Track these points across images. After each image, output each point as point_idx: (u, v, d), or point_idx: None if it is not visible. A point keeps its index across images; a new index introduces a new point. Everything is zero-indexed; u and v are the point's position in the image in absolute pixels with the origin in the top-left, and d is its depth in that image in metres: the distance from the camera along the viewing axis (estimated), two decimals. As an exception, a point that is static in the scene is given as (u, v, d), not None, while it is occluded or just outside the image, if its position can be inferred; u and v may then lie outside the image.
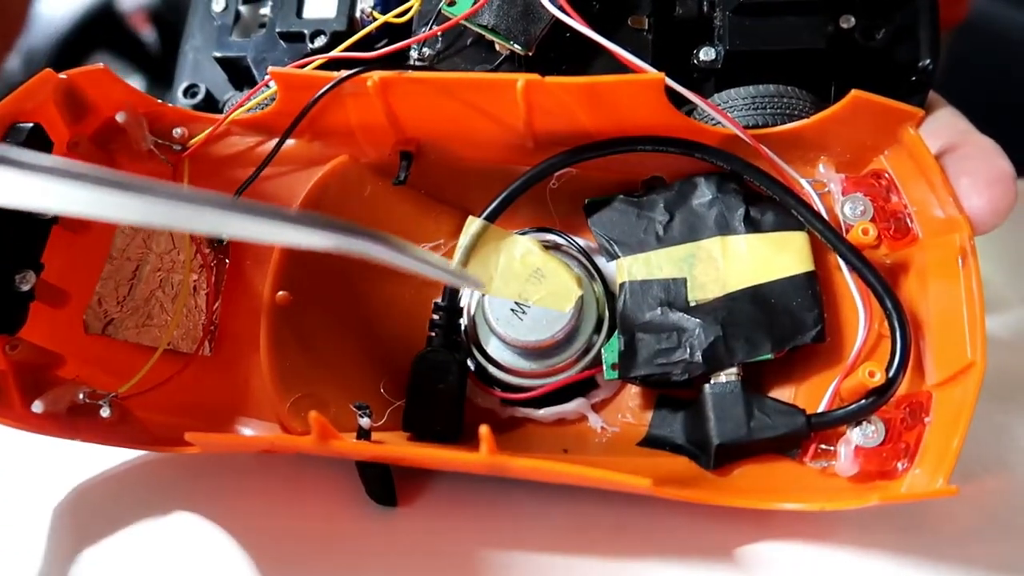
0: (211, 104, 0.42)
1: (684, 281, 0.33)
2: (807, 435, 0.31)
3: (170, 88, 0.43)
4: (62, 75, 0.33)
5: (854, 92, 0.30)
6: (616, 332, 0.34)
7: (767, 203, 0.34)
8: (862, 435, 0.30)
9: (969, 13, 0.61)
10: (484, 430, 0.26)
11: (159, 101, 0.35)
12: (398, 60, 0.35)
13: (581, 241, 0.36)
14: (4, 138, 0.31)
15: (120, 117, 0.34)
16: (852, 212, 0.32)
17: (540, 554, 0.31)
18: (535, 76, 0.30)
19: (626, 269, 0.34)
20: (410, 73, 0.32)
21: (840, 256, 0.32)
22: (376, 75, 0.32)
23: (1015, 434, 0.37)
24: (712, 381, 0.32)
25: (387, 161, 0.36)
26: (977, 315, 0.29)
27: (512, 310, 0.34)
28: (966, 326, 0.29)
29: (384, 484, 0.32)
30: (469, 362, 0.35)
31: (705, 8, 0.36)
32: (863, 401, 0.30)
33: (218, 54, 0.41)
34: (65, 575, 0.30)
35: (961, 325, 0.29)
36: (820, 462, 0.31)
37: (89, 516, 0.32)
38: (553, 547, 0.32)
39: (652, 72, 0.31)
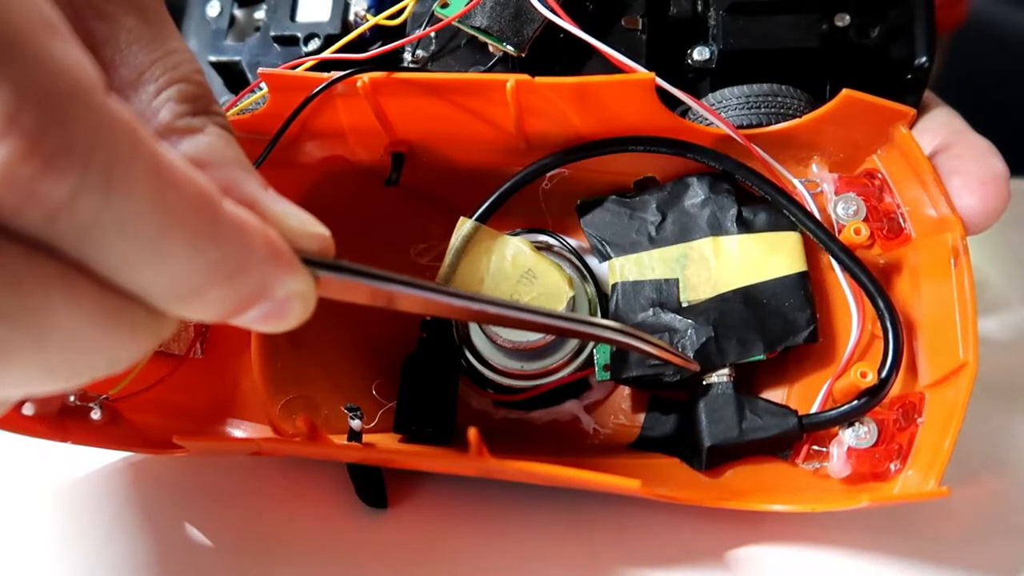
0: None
1: (676, 282, 0.33)
2: (799, 436, 0.31)
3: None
4: None
5: (845, 91, 0.30)
6: (608, 333, 0.34)
7: (760, 203, 0.33)
8: (854, 436, 0.30)
9: (969, 13, 0.60)
10: (472, 433, 0.25)
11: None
12: (393, 62, 0.35)
13: (573, 242, 0.36)
14: None
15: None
16: (845, 212, 0.32)
17: (531, 556, 0.31)
18: (525, 76, 0.30)
19: (618, 270, 0.34)
20: (399, 74, 0.31)
21: (832, 256, 0.31)
22: (366, 76, 0.31)
23: (1015, 434, 0.37)
24: (704, 382, 0.32)
25: (379, 162, 0.36)
26: (969, 315, 0.28)
27: (504, 311, 0.34)
28: (958, 326, 0.29)
29: (375, 486, 0.32)
30: (461, 363, 0.35)
31: (699, 7, 0.36)
32: (855, 402, 0.30)
33: (213, 58, 0.41)
34: (54, 577, 0.30)
35: (953, 325, 0.29)
36: (812, 463, 0.31)
37: (79, 518, 0.32)
38: (545, 549, 0.32)
39: (642, 72, 0.31)
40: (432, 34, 0.35)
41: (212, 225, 0.17)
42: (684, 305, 0.33)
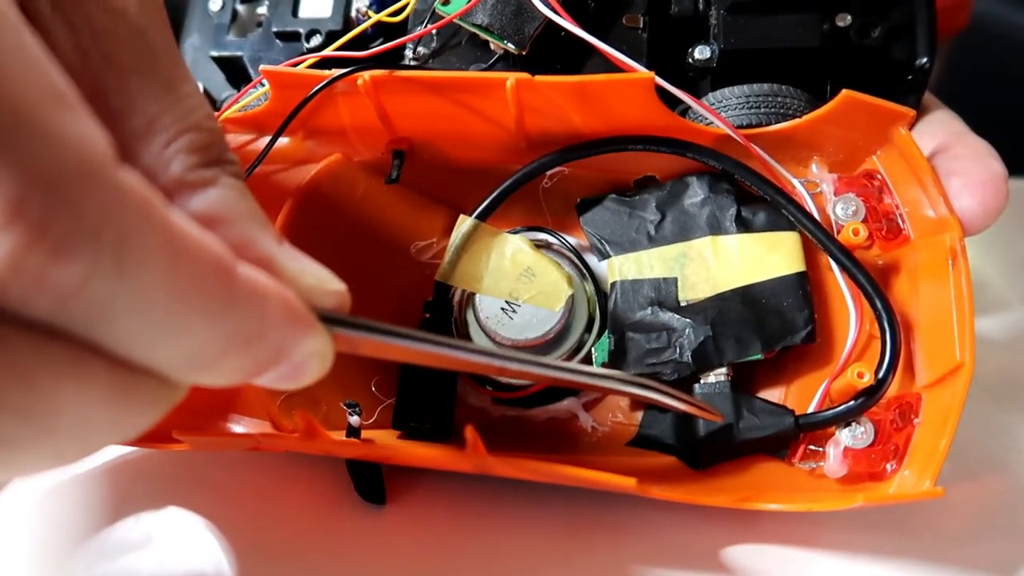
0: (209, 103, 0.42)
1: (675, 281, 0.33)
2: (796, 436, 0.31)
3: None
4: None
5: (845, 92, 0.30)
6: (607, 331, 0.34)
7: (759, 203, 0.33)
8: (851, 436, 0.30)
9: (970, 12, 0.60)
10: (469, 430, 0.26)
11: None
12: (394, 59, 0.35)
13: (573, 240, 0.36)
14: None
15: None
16: (844, 212, 0.32)
17: (529, 554, 0.31)
18: (525, 75, 0.30)
19: (617, 268, 0.34)
20: (400, 72, 0.32)
21: (831, 256, 0.31)
22: (367, 74, 0.32)
23: (1015, 434, 0.37)
24: (701, 381, 0.32)
25: (380, 160, 0.36)
26: (966, 316, 0.29)
27: (503, 308, 0.34)
28: (955, 327, 0.29)
29: (373, 482, 0.33)
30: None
31: (700, 6, 0.36)
32: (852, 402, 0.30)
33: (215, 53, 0.41)
34: (53, 571, 0.31)
35: (951, 326, 0.29)
36: (809, 463, 0.31)
37: (77, 512, 0.33)
38: (542, 546, 0.32)
39: (642, 71, 0.31)
40: (433, 31, 0.35)
41: (228, 294, 0.16)
42: (682, 304, 0.33)
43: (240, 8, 0.41)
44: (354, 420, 0.31)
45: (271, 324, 0.17)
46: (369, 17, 0.36)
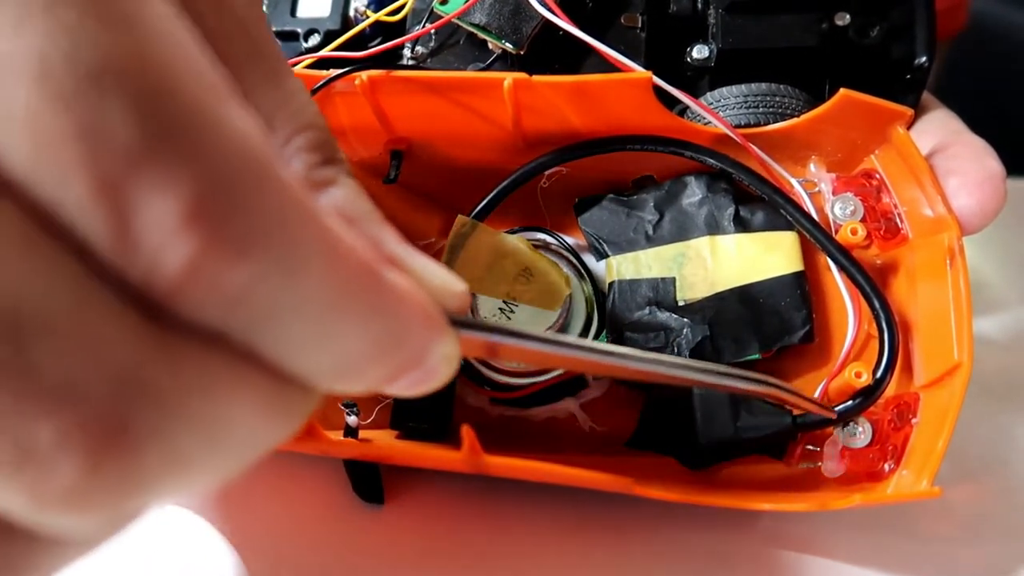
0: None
1: (673, 280, 0.33)
2: (793, 436, 0.31)
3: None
4: None
5: (843, 91, 0.30)
6: (604, 331, 0.34)
7: (757, 203, 0.33)
8: (849, 436, 0.30)
9: (970, 14, 0.60)
10: (465, 430, 0.26)
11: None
12: (392, 59, 0.35)
13: (571, 240, 0.36)
14: None
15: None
16: (842, 212, 0.32)
17: (527, 553, 0.31)
18: (522, 75, 0.30)
19: (615, 268, 0.34)
20: (398, 72, 0.32)
21: (828, 256, 0.31)
22: (365, 74, 0.32)
23: (1015, 434, 0.37)
24: (699, 381, 0.32)
25: (378, 159, 0.36)
26: (964, 316, 0.29)
27: (501, 308, 0.34)
28: (953, 327, 0.29)
29: (371, 482, 0.33)
30: (458, 360, 0.35)
31: (699, 6, 0.36)
32: (850, 402, 0.30)
33: (213, 52, 0.41)
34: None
35: (949, 326, 0.29)
36: (807, 463, 0.31)
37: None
38: (541, 547, 0.32)
39: (640, 71, 0.31)
40: (432, 31, 0.35)
41: (376, 298, 0.15)
42: (680, 304, 0.33)
43: (238, 8, 0.41)
44: (352, 420, 0.31)
45: (412, 328, 0.16)
46: (367, 16, 0.36)
